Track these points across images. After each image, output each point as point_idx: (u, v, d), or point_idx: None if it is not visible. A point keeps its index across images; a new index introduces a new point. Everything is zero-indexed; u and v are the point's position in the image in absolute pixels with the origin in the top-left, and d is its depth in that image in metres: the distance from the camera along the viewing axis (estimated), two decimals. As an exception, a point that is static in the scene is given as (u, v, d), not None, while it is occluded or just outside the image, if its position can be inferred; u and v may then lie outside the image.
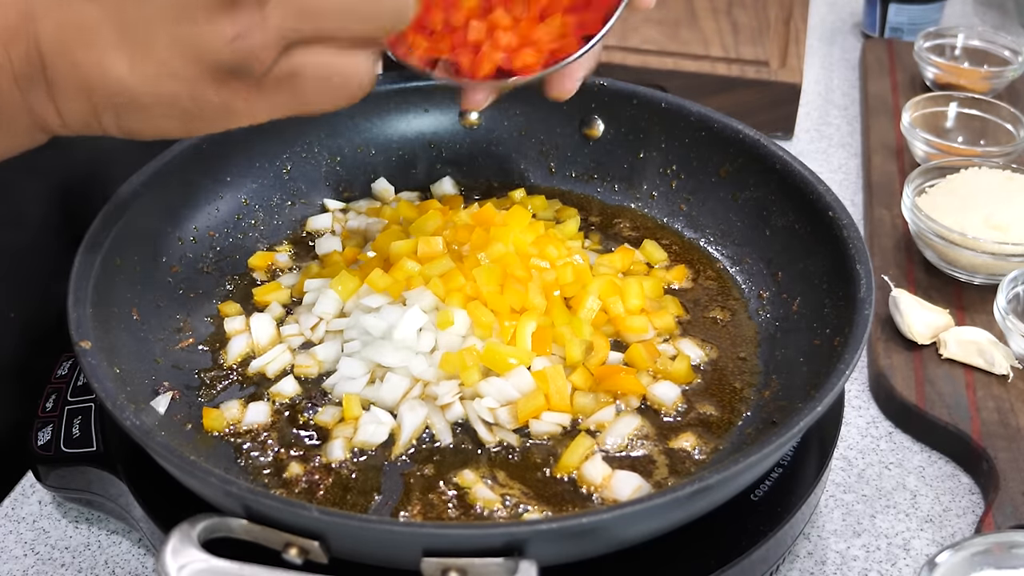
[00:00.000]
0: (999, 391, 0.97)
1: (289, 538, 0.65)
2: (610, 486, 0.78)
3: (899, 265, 1.14)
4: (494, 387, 0.83)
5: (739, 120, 1.01)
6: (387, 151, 1.10)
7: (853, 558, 0.86)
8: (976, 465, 0.92)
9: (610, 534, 0.68)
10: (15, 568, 0.84)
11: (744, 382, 0.88)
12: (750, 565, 0.75)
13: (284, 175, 1.06)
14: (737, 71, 1.39)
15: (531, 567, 0.62)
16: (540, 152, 1.12)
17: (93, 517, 0.88)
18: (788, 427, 0.71)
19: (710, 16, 1.53)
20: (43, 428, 0.84)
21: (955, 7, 1.83)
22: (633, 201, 1.08)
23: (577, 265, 0.94)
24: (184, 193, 0.97)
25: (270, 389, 0.86)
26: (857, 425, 0.99)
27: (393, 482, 0.79)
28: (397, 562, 0.67)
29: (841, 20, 1.80)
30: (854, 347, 0.77)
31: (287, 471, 0.80)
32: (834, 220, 0.88)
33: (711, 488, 0.67)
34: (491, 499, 0.77)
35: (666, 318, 0.93)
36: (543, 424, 0.83)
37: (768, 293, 0.95)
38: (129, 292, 0.88)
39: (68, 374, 0.89)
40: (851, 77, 1.61)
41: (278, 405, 0.85)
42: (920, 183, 1.16)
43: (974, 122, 1.34)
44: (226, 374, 0.88)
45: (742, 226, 1.00)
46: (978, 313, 1.06)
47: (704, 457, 0.81)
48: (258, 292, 0.95)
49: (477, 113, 1.10)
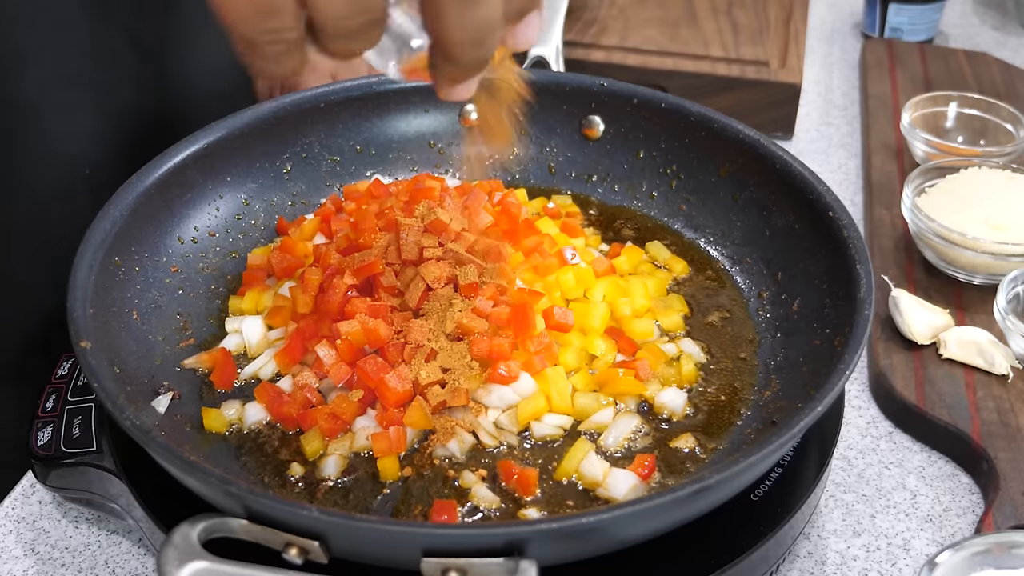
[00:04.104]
0: (999, 391, 0.97)
1: (289, 538, 0.65)
2: (607, 484, 0.78)
3: (899, 265, 1.14)
4: (495, 395, 0.83)
5: (739, 120, 1.01)
6: (387, 151, 1.10)
7: (853, 558, 0.86)
8: (976, 465, 0.92)
9: (610, 534, 0.68)
10: (15, 568, 0.84)
11: (744, 382, 0.88)
12: (750, 565, 0.75)
13: (284, 175, 1.06)
14: (737, 71, 1.39)
15: (531, 567, 0.62)
16: (540, 152, 1.12)
17: (93, 517, 0.88)
18: (788, 427, 0.71)
19: (710, 16, 1.53)
20: (43, 428, 0.84)
21: (955, 7, 1.83)
22: (633, 201, 1.08)
23: (579, 268, 0.93)
24: (184, 193, 0.97)
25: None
26: (857, 425, 0.99)
27: (393, 482, 0.79)
28: (397, 562, 0.67)
29: (841, 20, 1.80)
30: (854, 347, 0.77)
31: (288, 471, 0.80)
32: (834, 220, 0.88)
33: (711, 488, 0.67)
34: (491, 499, 0.77)
35: (673, 317, 0.93)
36: (544, 426, 0.83)
37: (768, 293, 0.95)
38: (129, 292, 0.88)
39: (68, 374, 0.89)
40: (851, 77, 1.61)
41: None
42: (920, 183, 1.16)
43: (974, 122, 1.34)
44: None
45: (742, 226, 1.00)
46: (978, 313, 1.06)
47: (704, 457, 0.81)
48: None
49: (477, 113, 1.11)
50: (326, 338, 0.85)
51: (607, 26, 1.48)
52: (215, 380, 0.87)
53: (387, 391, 0.80)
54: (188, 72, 1.14)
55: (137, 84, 1.08)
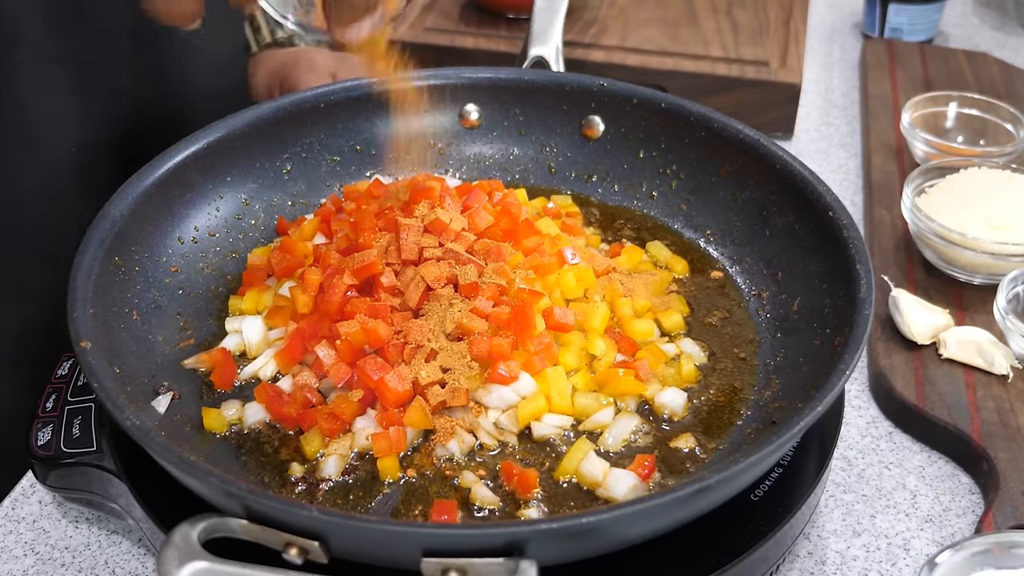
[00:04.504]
0: (999, 391, 0.97)
1: (289, 538, 0.65)
2: (607, 484, 0.78)
3: (899, 265, 1.14)
4: (495, 395, 0.83)
5: (739, 120, 1.01)
6: (387, 151, 1.10)
7: (853, 558, 0.86)
8: (976, 465, 0.92)
9: (610, 534, 0.68)
10: (15, 568, 0.84)
11: (744, 382, 0.88)
12: (750, 565, 0.75)
13: (284, 175, 1.06)
14: (737, 71, 1.39)
15: (531, 567, 0.62)
16: (540, 152, 1.12)
17: (93, 517, 0.88)
18: (788, 427, 0.71)
19: (710, 16, 1.53)
20: (43, 428, 0.84)
21: (955, 7, 1.83)
22: (633, 201, 1.08)
23: (579, 268, 0.93)
24: (184, 193, 0.97)
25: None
26: (857, 425, 0.99)
27: (393, 482, 0.79)
28: (397, 562, 0.67)
29: (841, 20, 1.80)
30: (854, 347, 0.77)
31: (288, 471, 0.80)
32: (834, 220, 0.88)
33: (711, 488, 0.67)
34: (491, 499, 0.77)
35: (673, 317, 0.93)
36: (544, 426, 0.83)
37: (768, 293, 0.95)
38: (129, 292, 0.88)
39: (68, 374, 0.89)
40: (851, 77, 1.61)
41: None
42: (920, 183, 1.16)
43: (974, 122, 1.34)
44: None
45: (742, 226, 1.00)
46: (978, 313, 1.06)
47: (704, 457, 0.81)
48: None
49: (477, 113, 1.11)
50: (326, 338, 0.85)
51: (607, 26, 1.48)
52: (215, 380, 0.87)
53: (387, 391, 0.80)
54: (186, 64, 1.13)
55: (130, 70, 1.06)
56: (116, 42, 1.04)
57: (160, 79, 1.11)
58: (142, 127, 1.07)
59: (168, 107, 1.12)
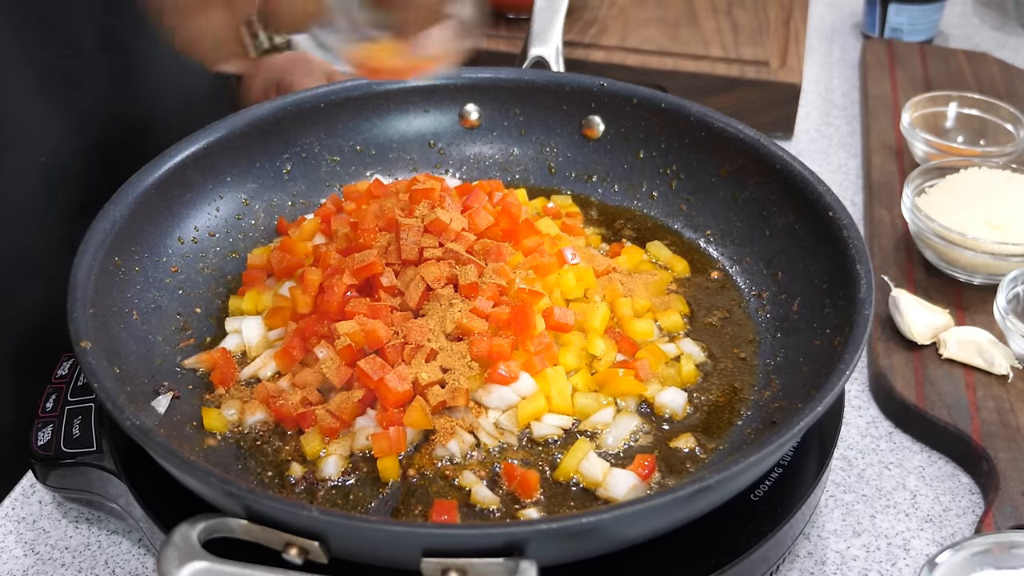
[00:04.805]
0: (999, 391, 0.97)
1: (289, 538, 0.65)
2: (607, 484, 0.78)
3: (899, 265, 1.14)
4: (495, 395, 0.83)
5: (739, 120, 1.01)
6: (387, 151, 1.10)
7: (853, 558, 0.86)
8: (976, 465, 0.92)
9: (610, 534, 0.68)
10: (15, 568, 0.84)
11: (744, 382, 0.88)
12: (750, 565, 0.75)
13: (284, 175, 1.06)
14: (737, 71, 1.39)
15: (531, 567, 0.62)
16: (540, 152, 1.12)
17: (93, 517, 0.88)
18: (788, 427, 0.71)
19: (710, 16, 1.53)
20: (43, 428, 0.84)
21: (955, 7, 1.83)
22: (633, 201, 1.08)
23: (579, 268, 0.93)
24: (184, 193, 0.97)
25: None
26: (857, 425, 0.99)
27: (393, 482, 0.79)
28: (397, 562, 0.67)
29: (841, 20, 1.80)
30: (854, 347, 0.77)
31: (288, 471, 0.80)
32: (834, 220, 0.88)
33: (711, 488, 0.67)
34: (491, 499, 0.77)
35: (673, 316, 0.93)
36: (544, 426, 0.83)
37: (768, 293, 0.95)
38: (129, 292, 0.88)
39: (68, 374, 0.89)
40: (851, 77, 1.61)
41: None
42: (920, 183, 1.16)
43: (974, 122, 1.34)
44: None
45: (742, 226, 1.00)
46: (978, 313, 1.06)
47: (704, 457, 0.81)
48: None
49: (477, 113, 1.11)
50: (326, 338, 0.85)
51: (607, 26, 1.48)
52: (215, 380, 0.87)
53: (387, 391, 0.80)
54: (156, 67, 1.12)
55: (99, 75, 1.06)
56: (85, 47, 1.04)
57: (130, 83, 1.10)
58: (113, 132, 1.06)
59: (139, 111, 1.11)
